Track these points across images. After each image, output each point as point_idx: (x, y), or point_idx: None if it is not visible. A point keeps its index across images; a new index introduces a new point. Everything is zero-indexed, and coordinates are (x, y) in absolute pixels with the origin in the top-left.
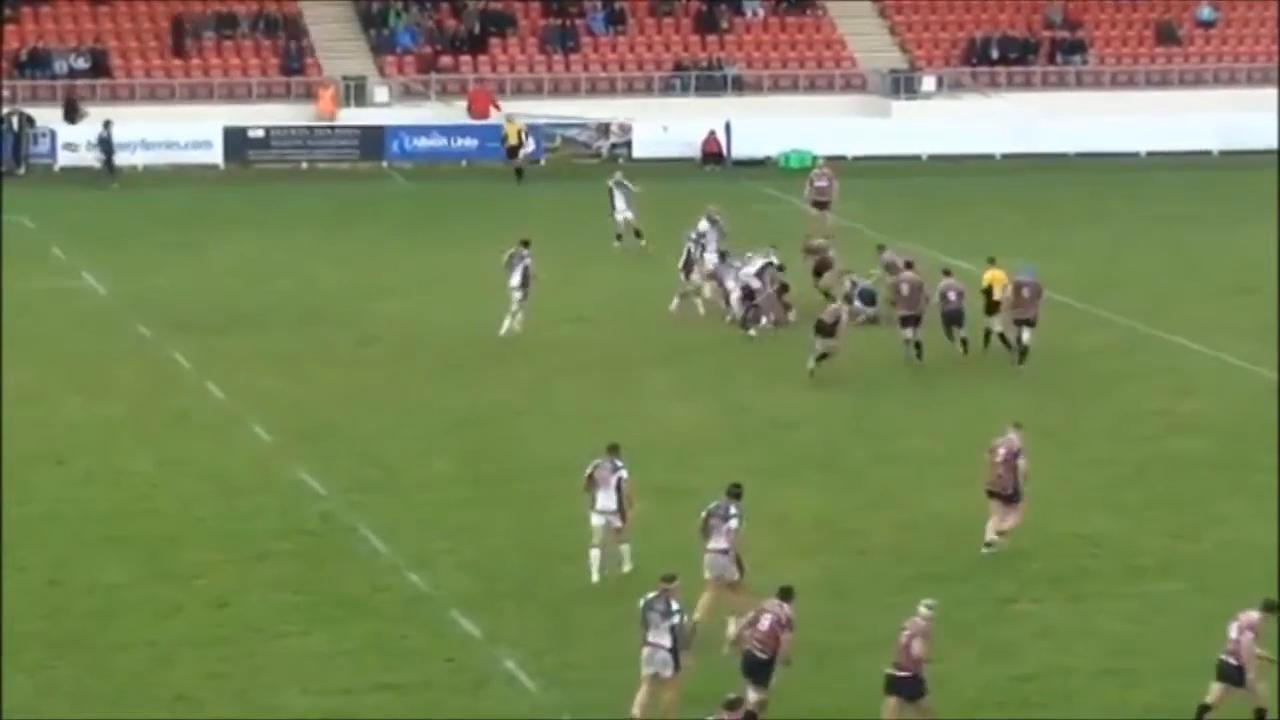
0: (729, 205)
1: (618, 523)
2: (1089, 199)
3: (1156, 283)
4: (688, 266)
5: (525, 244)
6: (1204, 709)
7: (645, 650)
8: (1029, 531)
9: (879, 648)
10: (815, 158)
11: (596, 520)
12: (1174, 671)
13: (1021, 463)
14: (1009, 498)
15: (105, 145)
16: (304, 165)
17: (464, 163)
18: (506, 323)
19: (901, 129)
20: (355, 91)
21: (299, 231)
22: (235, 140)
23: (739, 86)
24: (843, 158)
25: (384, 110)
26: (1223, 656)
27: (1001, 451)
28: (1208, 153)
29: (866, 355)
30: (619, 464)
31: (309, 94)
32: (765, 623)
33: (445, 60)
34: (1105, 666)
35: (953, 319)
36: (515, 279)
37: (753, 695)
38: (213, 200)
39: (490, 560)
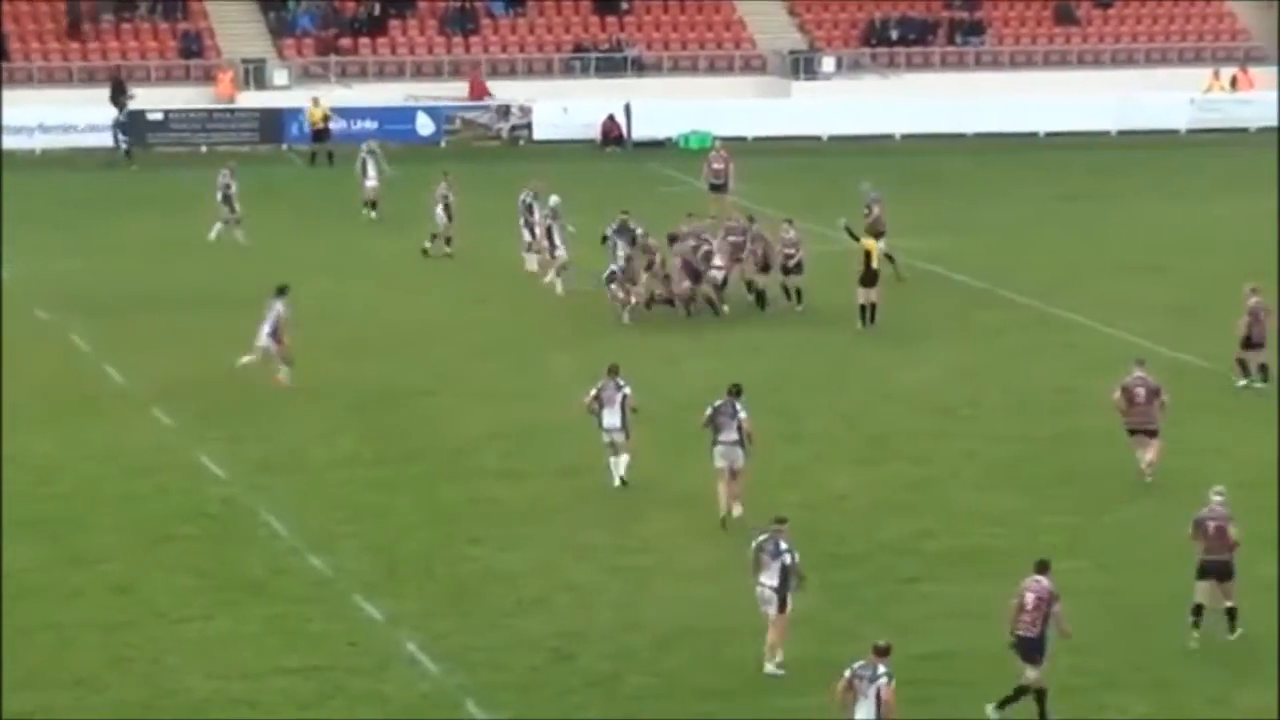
0: (630, 187)
1: (622, 438)
2: (988, 179)
3: (1057, 261)
4: (550, 242)
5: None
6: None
7: (757, 590)
8: (932, 511)
9: (786, 628)
10: (714, 139)
11: (605, 438)
12: (1075, 649)
13: (1165, 398)
14: (1152, 432)
15: None
16: (203, 149)
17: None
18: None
19: (801, 110)
20: (254, 74)
21: (198, 214)
22: (134, 123)
23: (639, 68)
24: (743, 139)
25: (283, 93)
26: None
27: (1142, 392)
28: (1106, 132)
29: (776, 337)
30: (622, 383)
31: (208, 77)
32: (1030, 601)
33: (344, 43)
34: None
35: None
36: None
37: (1030, 674)
38: (111, 184)
39: (392, 542)
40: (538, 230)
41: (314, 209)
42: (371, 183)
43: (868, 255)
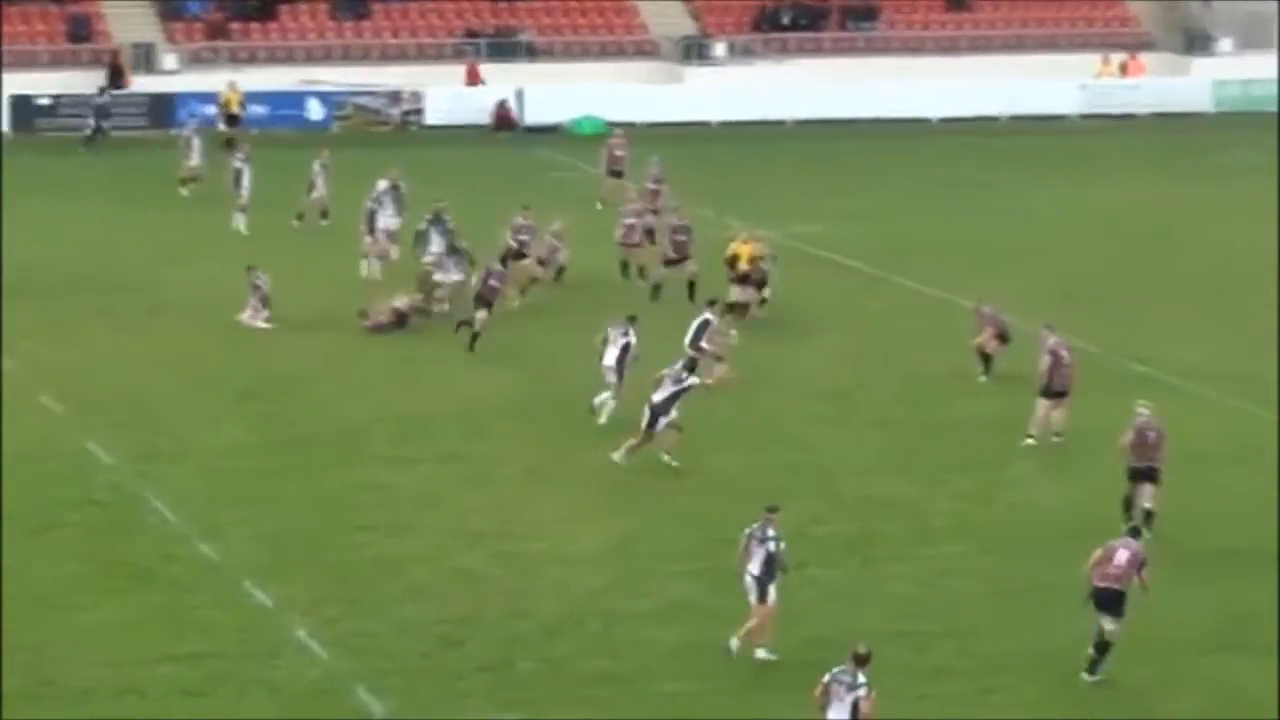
0: (522, 172)
1: (613, 378)
2: (880, 164)
3: (948, 247)
4: (371, 228)
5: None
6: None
7: (746, 579)
8: (820, 495)
9: (670, 613)
10: (608, 125)
11: (604, 375)
12: (962, 633)
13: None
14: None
15: None
16: (83, 133)
17: (255, 130)
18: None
19: (694, 96)
20: (144, 58)
21: (87, 199)
22: (22, 108)
23: (531, 53)
24: (635, 124)
25: (173, 77)
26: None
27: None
28: (997, 118)
29: (664, 322)
30: (629, 330)
31: (97, 61)
32: (1122, 559)
33: (235, 27)
34: (896, 629)
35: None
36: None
37: (1109, 626)
38: None
39: (281, 529)
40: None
41: (209, 194)
42: (318, 193)
43: (735, 258)
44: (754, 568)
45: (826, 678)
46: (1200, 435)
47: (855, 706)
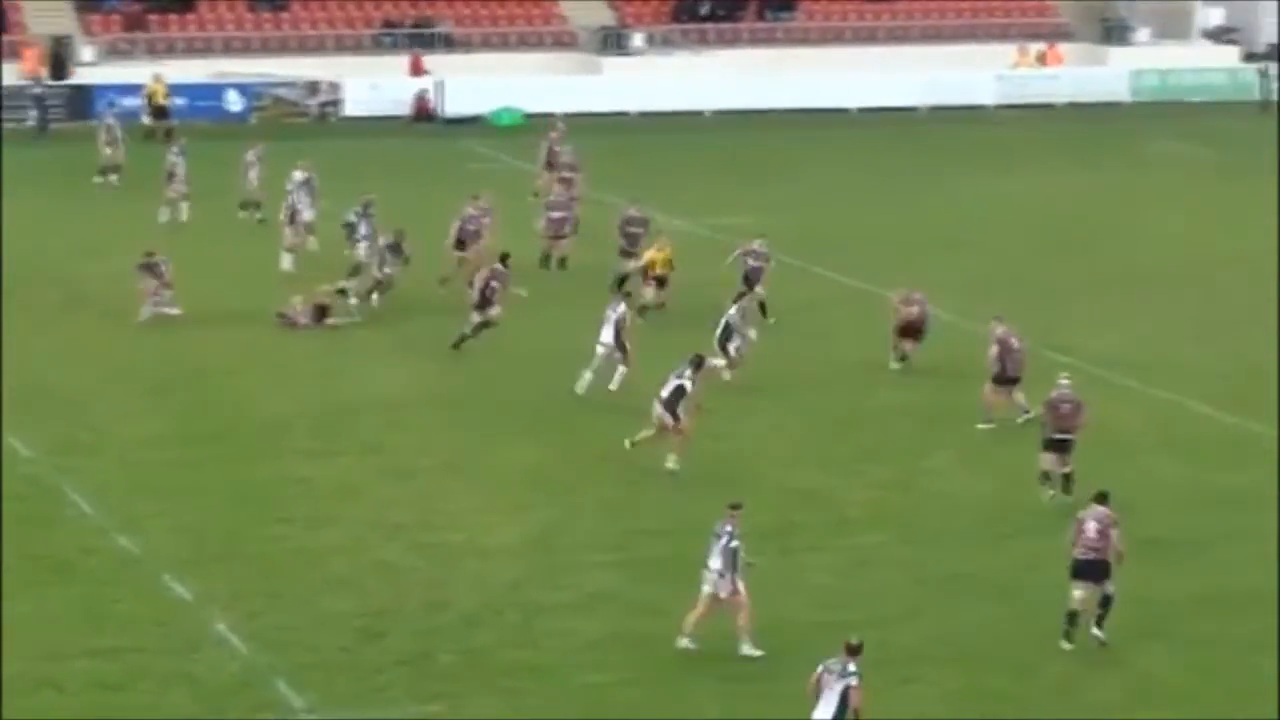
0: (441, 163)
1: (617, 354)
2: (799, 155)
3: (868, 237)
4: (292, 220)
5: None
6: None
7: (704, 572)
8: (740, 486)
9: (590, 604)
10: (526, 116)
11: (599, 350)
12: (880, 622)
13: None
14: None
15: None
16: (8, 125)
17: (174, 121)
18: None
19: (612, 86)
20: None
21: (2, 192)
22: None
23: (450, 44)
24: (554, 115)
25: (91, 69)
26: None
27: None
28: (915, 108)
29: (583, 315)
30: (622, 306)
31: (14, 53)
32: (1091, 529)
33: (153, 19)
34: (814, 619)
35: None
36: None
37: (1078, 593)
38: None
39: (201, 522)
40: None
41: (128, 186)
42: (255, 185)
43: (652, 263)
44: (714, 562)
45: (819, 668)
46: (1123, 425)
47: (845, 695)
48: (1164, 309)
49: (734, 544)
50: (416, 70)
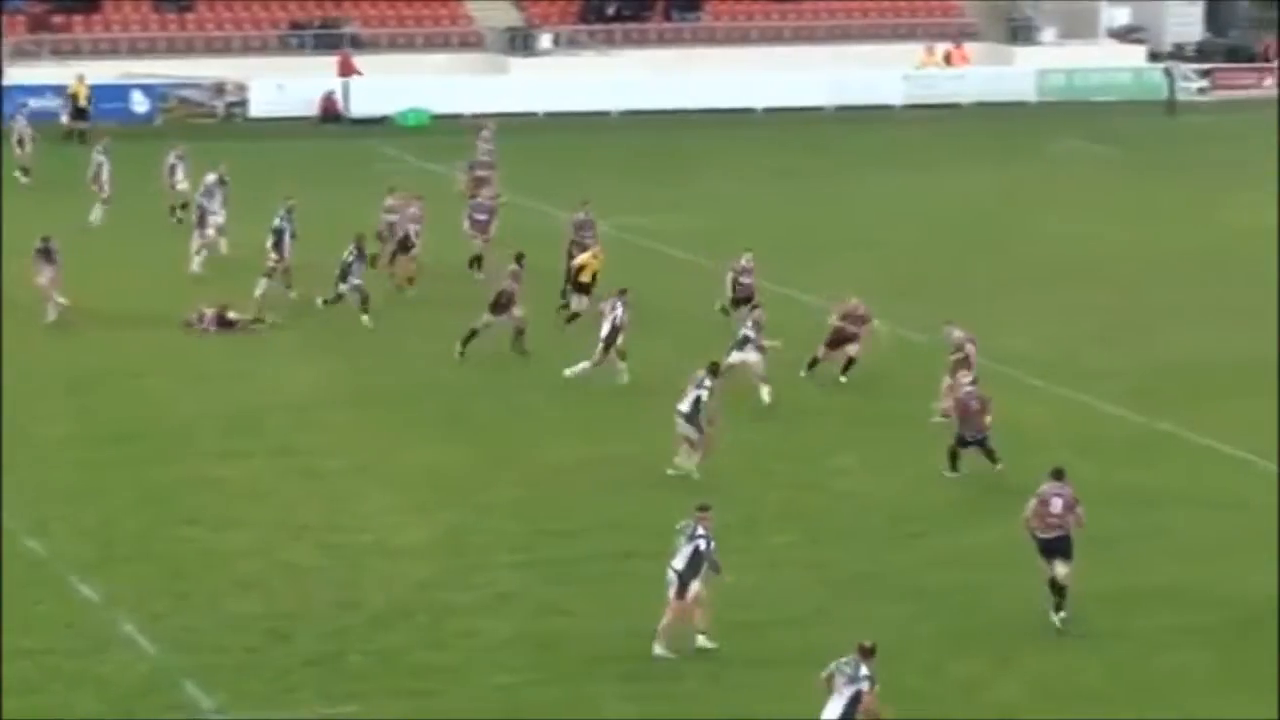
0: (348, 164)
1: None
2: (707, 155)
3: (777, 238)
4: (201, 222)
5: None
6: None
7: (668, 573)
8: (650, 486)
9: (499, 605)
10: (433, 117)
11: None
12: (789, 622)
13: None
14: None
15: None
16: None
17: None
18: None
19: (519, 86)
20: None
21: None
22: None
23: (356, 44)
24: (460, 116)
25: None
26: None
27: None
28: (821, 108)
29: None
30: (620, 304)
31: None
32: (1058, 505)
33: (58, 20)
34: (725, 619)
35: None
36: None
37: (1062, 570)
38: None
39: (109, 524)
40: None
41: (38, 186)
42: (182, 185)
43: (582, 268)
44: (678, 563)
45: (831, 668)
46: (1030, 423)
47: (855, 699)
48: (1072, 308)
49: (707, 546)
50: (346, 70)
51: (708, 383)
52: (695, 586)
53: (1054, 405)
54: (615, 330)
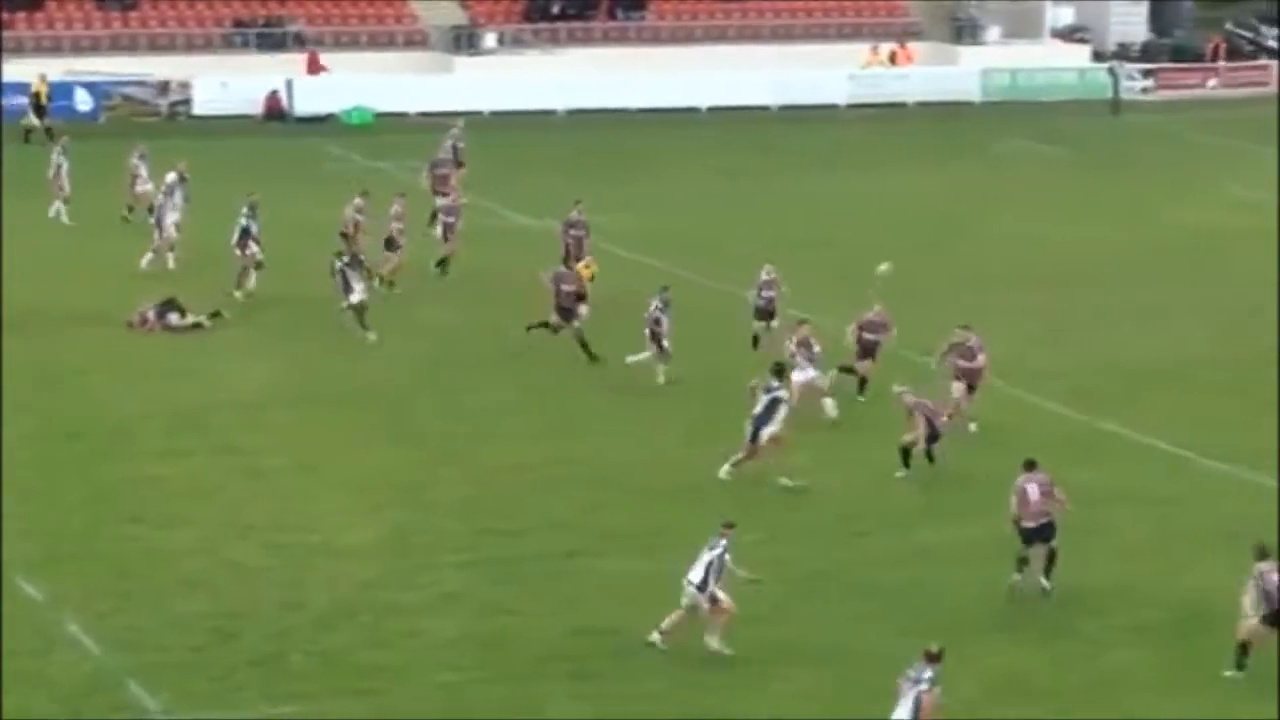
0: (293, 163)
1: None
2: (652, 154)
3: (723, 238)
4: (159, 221)
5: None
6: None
7: (684, 584)
8: (599, 485)
9: (444, 605)
10: (376, 115)
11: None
12: (746, 621)
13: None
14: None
15: None
16: None
17: (21, 120)
18: None
19: (464, 85)
20: None
21: None
22: None
23: (301, 43)
24: (405, 115)
25: None
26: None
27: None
28: (766, 108)
29: (443, 318)
30: (662, 302)
31: None
32: (1035, 493)
33: (1, 17)
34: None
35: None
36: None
37: (1033, 551)
38: None
39: (53, 523)
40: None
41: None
42: (144, 186)
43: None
44: (694, 575)
45: (900, 676)
46: (976, 422)
47: (917, 701)
48: (1016, 308)
49: (725, 557)
50: (314, 68)
51: (775, 385)
52: (721, 592)
53: (999, 404)
54: (658, 326)
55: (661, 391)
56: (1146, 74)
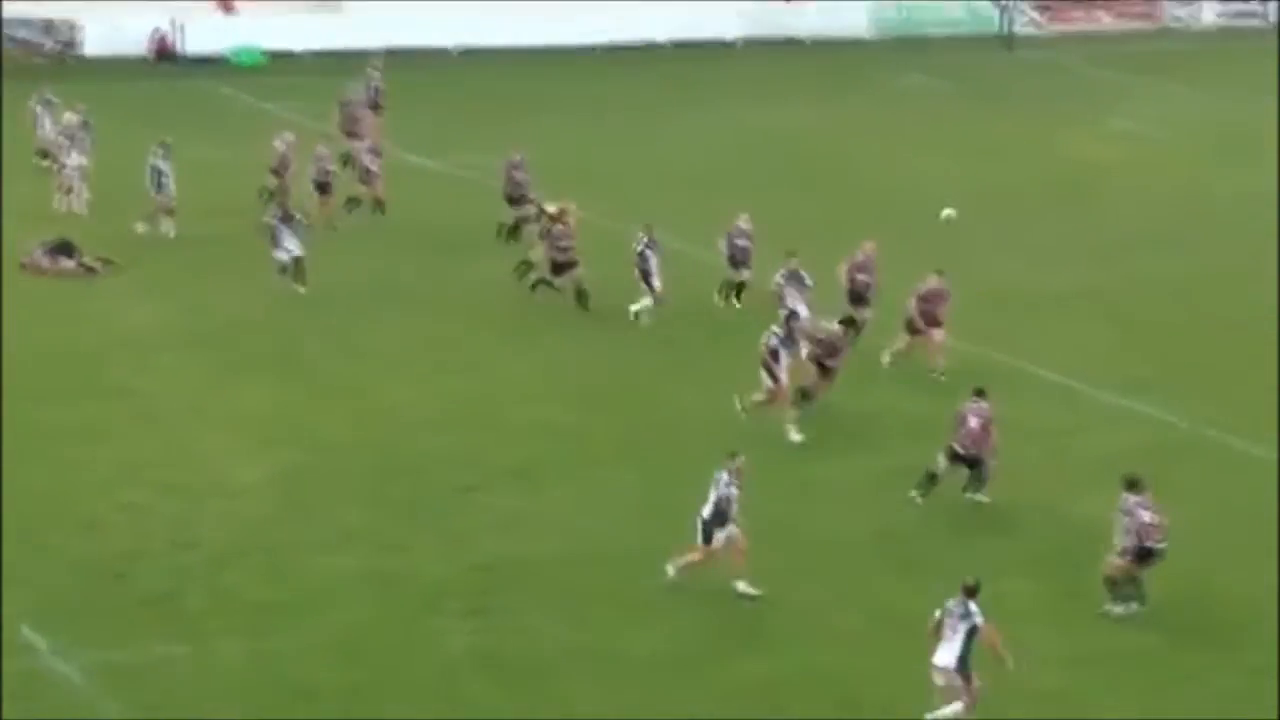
0: (186, 104)
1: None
2: (545, 91)
3: (614, 174)
4: (61, 163)
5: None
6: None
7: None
8: (486, 423)
9: (338, 543)
10: (265, 54)
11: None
12: (625, 556)
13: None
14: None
15: None
16: None
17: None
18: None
19: (355, 24)
20: None
21: None
22: None
23: None
24: (295, 53)
25: None
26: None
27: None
28: (659, 44)
29: (326, 257)
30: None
31: None
32: (974, 423)
33: None
34: (561, 554)
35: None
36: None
37: (943, 464)
38: None
39: None
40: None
41: None
42: (48, 131)
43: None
44: (705, 511)
45: (938, 613)
46: (869, 355)
47: (972, 632)
48: (909, 242)
49: (729, 493)
50: (227, 6)
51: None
52: (721, 535)
53: (891, 338)
54: (645, 264)
55: (539, 326)
56: (1039, 8)
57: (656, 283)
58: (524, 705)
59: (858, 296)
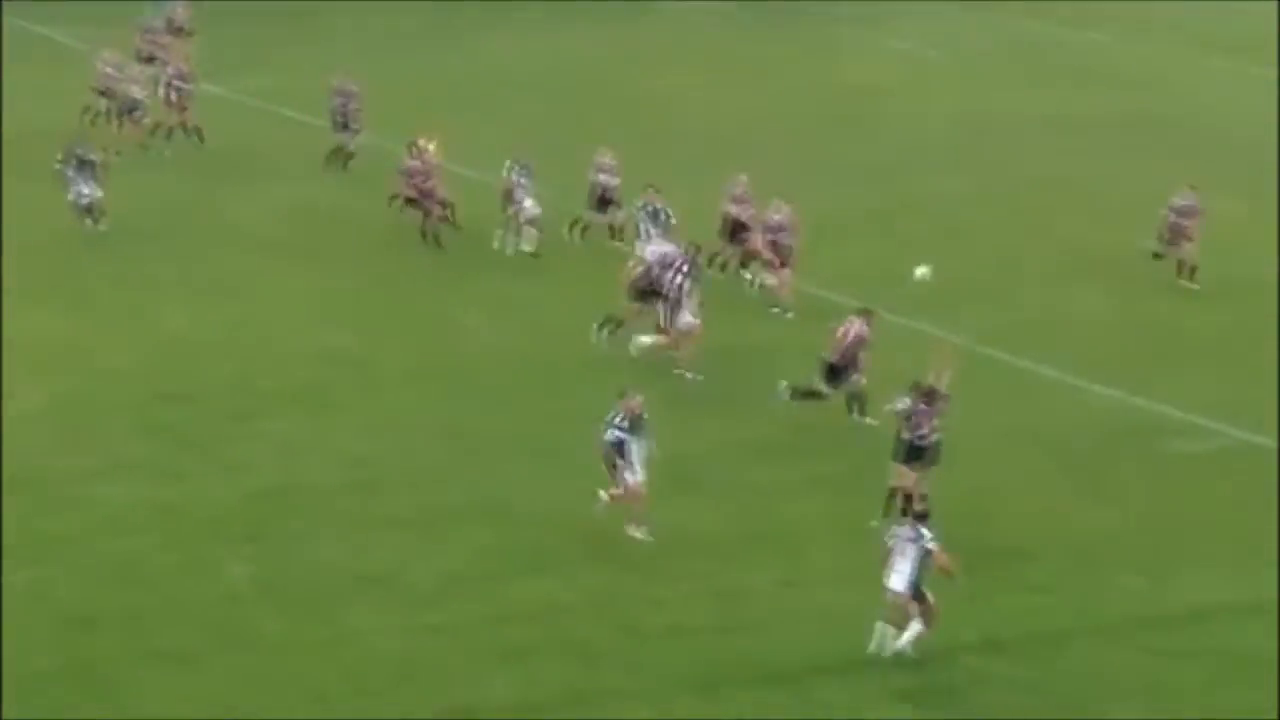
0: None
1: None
2: (322, 16)
3: (397, 99)
4: None
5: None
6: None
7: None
8: (264, 349)
9: (114, 472)
10: None
11: None
12: (406, 481)
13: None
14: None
15: None
16: None
17: None
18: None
19: None
20: None
21: None
22: None
23: None
24: None
25: None
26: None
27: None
28: None
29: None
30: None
31: None
32: (850, 333)
33: None
34: (344, 480)
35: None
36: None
37: (826, 389)
38: None
39: None
40: None
41: None
42: None
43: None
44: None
45: (889, 540)
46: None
47: (925, 554)
48: (690, 166)
49: (616, 436)
50: None
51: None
52: (630, 478)
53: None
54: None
55: (323, 250)
56: None
57: (529, 204)
58: (304, 631)
59: (739, 228)
